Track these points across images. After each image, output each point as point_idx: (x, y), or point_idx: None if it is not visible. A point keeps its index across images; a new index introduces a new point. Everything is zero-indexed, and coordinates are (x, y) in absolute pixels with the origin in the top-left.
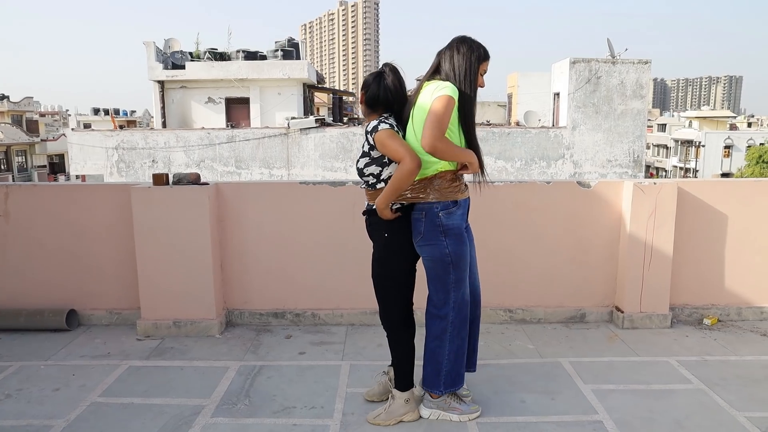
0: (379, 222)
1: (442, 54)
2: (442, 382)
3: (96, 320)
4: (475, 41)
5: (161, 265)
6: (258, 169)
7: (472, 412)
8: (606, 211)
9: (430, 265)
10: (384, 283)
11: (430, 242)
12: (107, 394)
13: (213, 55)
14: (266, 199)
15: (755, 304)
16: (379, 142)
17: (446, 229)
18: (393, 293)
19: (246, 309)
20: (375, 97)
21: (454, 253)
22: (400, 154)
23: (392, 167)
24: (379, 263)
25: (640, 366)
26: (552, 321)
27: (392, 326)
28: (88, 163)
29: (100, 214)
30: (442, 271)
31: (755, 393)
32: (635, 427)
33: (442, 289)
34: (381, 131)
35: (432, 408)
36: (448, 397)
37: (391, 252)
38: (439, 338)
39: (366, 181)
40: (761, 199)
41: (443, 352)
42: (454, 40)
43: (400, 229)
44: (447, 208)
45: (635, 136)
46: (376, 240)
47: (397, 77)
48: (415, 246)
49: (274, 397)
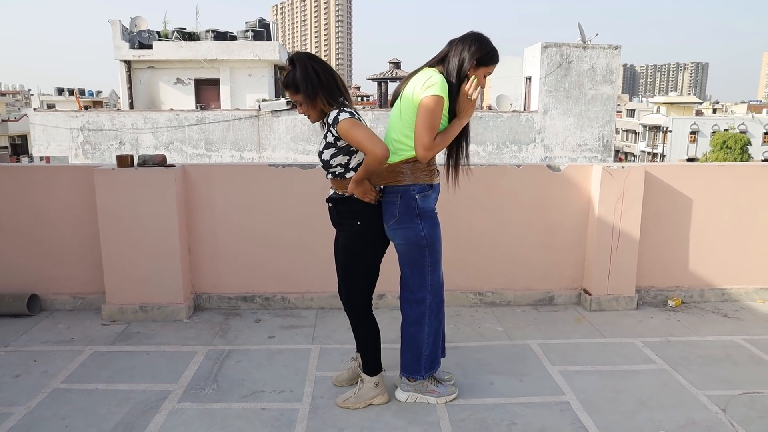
0: (350, 210)
1: (454, 45)
2: (423, 367)
3: (59, 305)
4: (488, 42)
5: (127, 249)
6: (228, 151)
7: (449, 394)
8: (575, 194)
9: (405, 249)
10: (353, 272)
11: (404, 225)
12: (70, 380)
13: (182, 34)
14: (235, 181)
15: (717, 286)
16: (343, 132)
17: (422, 211)
18: (360, 282)
19: (214, 293)
20: (309, 84)
21: (430, 235)
22: (366, 144)
23: (360, 155)
24: (348, 251)
25: (607, 347)
26: (521, 304)
27: (357, 313)
28: (51, 144)
29: (63, 196)
30: (417, 255)
31: (715, 372)
32: (601, 407)
33: (418, 272)
34: (343, 121)
35: (409, 391)
36: (426, 379)
37: (361, 240)
38: (417, 323)
39: (333, 172)
40: (724, 184)
41: (422, 336)
42: (468, 36)
43: (372, 217)
44: (423, 191)
45: (605, 121)
46: (346, 228)
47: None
48: (387, 230)
49: (243, 381)
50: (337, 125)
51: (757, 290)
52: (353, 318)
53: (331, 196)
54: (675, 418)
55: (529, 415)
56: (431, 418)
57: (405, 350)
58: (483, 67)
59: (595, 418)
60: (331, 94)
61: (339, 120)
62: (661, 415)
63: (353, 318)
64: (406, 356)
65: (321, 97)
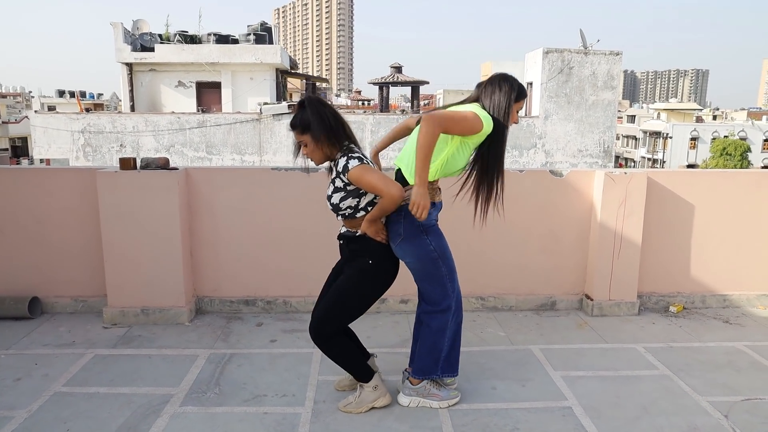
0: (364, 249)
1: (483, 88)
2: (440, 367)
3: (60, 308)
4: (515, 80)
5: (128, 252)
6: (229, 155)
7: (451, 398)
8: (577, 200)
9: (418, 265)
10: (346, 303)
11: (411, 242)
12: (71, 383)
13: (183, 37)
14: (237, 184)
15: (719, 292)
16: (355, 179)
17: (425, 227)
18: (345, 315)
19: (216, 296)
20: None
21: (438, 246)
22: (380, 187)
23: (369, 196)
24: (351, 282)
25: (609, 353)
26: (523, 309)
27: (325, 338)
28: (52, 146)
29: (65, 198)
30: (432, 267)
31: (717, 378)
32: (603, 413)
33: (438, 284)
34: (354, 169)
35: (411, 396)
36: (428, 383)
37: (368, 278)
38: (441, 331)
39: (343, 214)
40: (726, 190)
41: (443, 341)
42: (496, 77)
43: (384, 258)
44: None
45: (606, 126)
46: (356, 265)
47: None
48: (395, 249)
49: (245, 385)
50: (347, 173)
51: (759, 296)
52: (320, 342)
53: (344, 234)
54: (677, 423)
55: (531, 420)
56: (433, 422)
57: (424, 354)
58: (516, 104)
59: (598, 423)
60: (337, 138)
61: (349, 168)
62: (663, 420)
63: (320, 342)
64: (423, 360)
65: (326, 139)
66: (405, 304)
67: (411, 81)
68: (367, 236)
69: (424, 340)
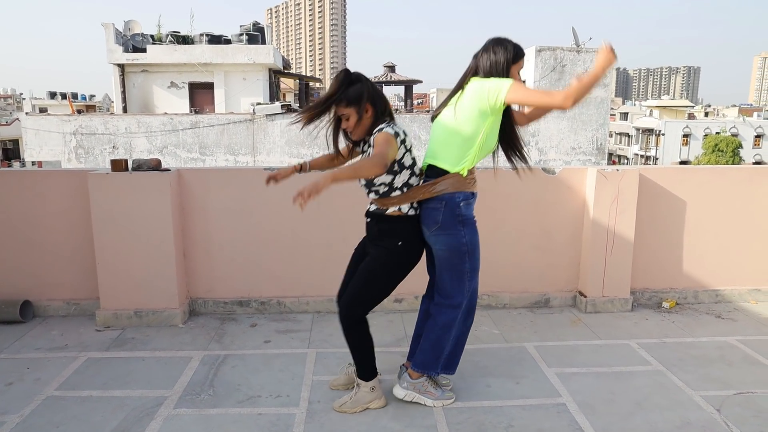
0: (393, 229)
1: (479, 57)
2: (440, 365)
3: (53, 311)
4: (509, 42)
5: (121, 254)
6: (223, 155)
7: (446, 398)
8: (570, 197)
9: (446, 255)
10: (374, 284)
11: (447, 231)
12: (64, 387)
13: (175, 38)
14: (230, 185)
15: (711, 288)
16: (376, 139)
17: (464, 219)
18: (374, 295)
19: (210, 298)
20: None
21: (471, 242)
22: (380, 157)
23: (404, 174)
24: (379, 264)
25: (602, 349)
26: (517, 306)
27: (354, 321)
28: (44, 148)
29: (56, 201)
30: (458, 261)
31: (710, 373)
32: (597, 409)
33: (457, 278)
34: (385, 132)
35: (408, 390)
36: (427, 380)
37: (397, 259)
38: (447, 327)
39: (376, 191)
40: (717, 186)
41: (448, 338)
42: (489, 42)
43: (414, 240)
44: (467, 199)
45: (598, 124)
46: (384, 245)
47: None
48: (428, 236)
49: (239, 386)
50: (379, 131)
51: (750, 291)
52: (348, 324)
53: (373, 212)
54: (670, 418)
55: (526, 417)
56: (428, 421)
57: (426, 349)
58: (514, 66)
59: (592, 419)
60: (382, 112)
61: (382, 129)
62: (656, 416)
63: (348, 324)
64: (425, 355)
65: (373, 113)
66: (399, 303)
67: (404, 80)
68: (398, 217)
69: (428, 334)
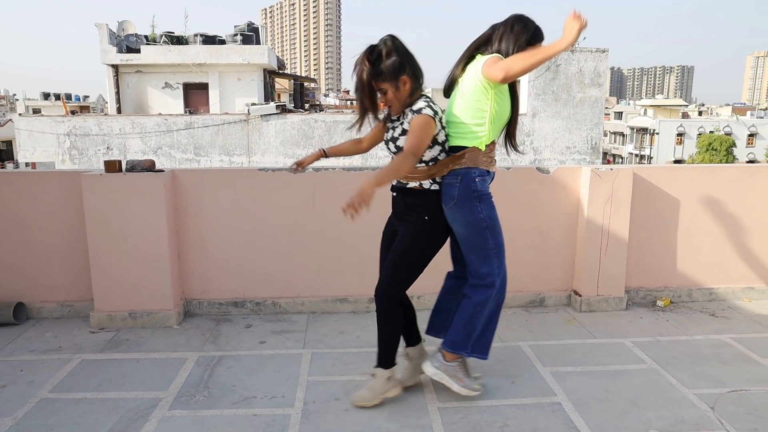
0: (420, 203)
1: (496, 29)
2: (470, 345)
3: (46, 313)
4: (531, 21)
5: (115, 255)
6: (218, 156)
7: (473, 389)
8: (564, 196)
9: (466, 232)
10: (407, 262)
11: (463, 207)
12: (58, 389)
13: (170, 38)
14: (224, 186)
15: (705, 286)
16: (415, 122)
17: (480, 194)
18: (408, 273)
19: (205, 299)
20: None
21: (489, 217)
22: (414, 148)
23: (435, 149)
24: (409, 241)
25: (597, 348)
26: (512, 305)
27: (389, 302)
28: (38, 150)
29: (49, 202)
30: (479, 237)
31: (704, 371)
32: (592, 408)
33: (483, 256)
34: (424, 116)
35: (438, 369)
36: (459, 366)
37: (426, 234)
38: (481, 304)
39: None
40: (711, 185)
41: (480, 318)
42: (510, 18)
43: (440, 213)
44: (482, 175)
45: (593, 123)
46: (411, 220)
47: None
48: (446, 212)
49: (234, 387)
50: (419, 114)
51: (744, 289)
52: (385, 306)
53: (398, 186)
54: (665, 416)
55: (521, 416)
56: (424, 421)
57: (458, 327)
58: (530, 48)
59: (587, 418)
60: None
61: (422, 112)
62: (651, 414)
63: (385, 306)
64: (457, 333)
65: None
66: None
67: None
68: (424, 189)
69: (462, 312)
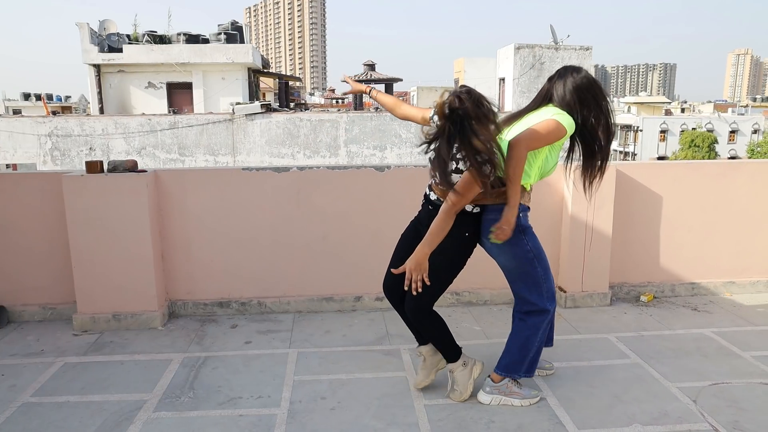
0: (462, 221)
1: (554, 82)
2: (524, 368)
3: (28, 316)
4: (581, 70)
5: (98, 257)
6: (203, 156)
7: (533, 397)
8: (549, 193)
9: (514, 264)
10: (440, 276)
11: (510, 242)
12: (40, 393)
13: (152, 38)
14: (208, 186)
15: (687, 281)
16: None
17: (524, 228)
18: (440, 287)
19: (190, 299)
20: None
21: (535, 247)
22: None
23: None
24: (444, 255)
25: (582, 343)
26: (498, 302)
27: (423, 312)
28: (18, 151)
29: (29, 204)
30: (528, 267)
31: (686, 364)
32: (577, 403)
33: (533, 284)
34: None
35: (493, 393)
36: (510, 382)
37: (461, 248)
38: (535, 327)
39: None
40: (692, 181)
41: (535, 340)
42: (562, 70)
43: (476, 231)
44: (524, 211)
45: None
46: (451, 233)
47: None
48: (489, 248)
49: (220, 388)
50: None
51: (725, 284)
52: (419, 317)
53: (439, 203)
54: (648, 410)
55: (506, 412)
56: (410, 419)
57: (514, 351)
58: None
59: (572, 413)
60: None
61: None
62: (635, 408)
63: (419, 317)
64: (513, 356)
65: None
66: (380, 301)
67: (384, 78)
68: (465, 212)
69: (517, 334)
